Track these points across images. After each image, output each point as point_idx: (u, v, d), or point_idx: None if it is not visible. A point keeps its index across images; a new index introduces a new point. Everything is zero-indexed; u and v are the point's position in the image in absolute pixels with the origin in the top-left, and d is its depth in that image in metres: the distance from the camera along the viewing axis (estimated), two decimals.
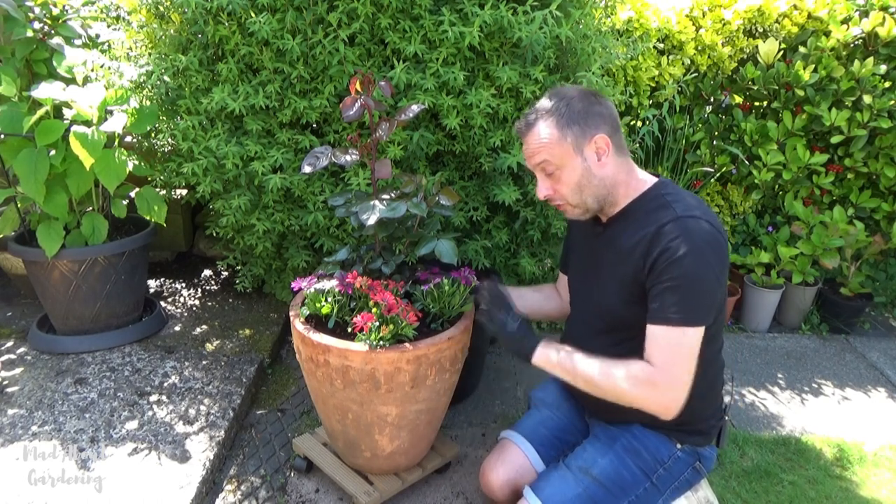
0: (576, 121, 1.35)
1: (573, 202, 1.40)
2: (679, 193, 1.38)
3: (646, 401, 1.30)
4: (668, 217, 1.32)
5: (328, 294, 1.63)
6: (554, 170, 1.38)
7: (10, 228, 2.40)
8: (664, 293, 1.29)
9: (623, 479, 1.42)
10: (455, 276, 1.69)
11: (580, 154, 1.36)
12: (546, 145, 1.36)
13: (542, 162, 1.38)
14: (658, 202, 1.37)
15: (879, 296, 3.34)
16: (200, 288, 3.06)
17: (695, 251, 1.27)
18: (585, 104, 1.36)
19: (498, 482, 1.56)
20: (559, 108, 1.36)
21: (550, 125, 1.35)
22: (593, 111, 1.36)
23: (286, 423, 2.19)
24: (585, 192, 1.38)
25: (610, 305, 1.43)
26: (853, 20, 2.95)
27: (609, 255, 1.44)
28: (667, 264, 1.28)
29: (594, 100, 1.38)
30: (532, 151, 1.39)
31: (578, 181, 1.37)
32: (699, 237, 1.28)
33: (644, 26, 2.82)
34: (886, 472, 2.10)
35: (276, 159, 1.92)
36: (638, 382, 1.29)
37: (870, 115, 2.87)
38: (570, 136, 1.35)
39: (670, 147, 3.01)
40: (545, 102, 1.39)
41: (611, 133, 1.37)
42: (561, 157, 1.36)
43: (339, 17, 1.79)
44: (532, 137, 1.38)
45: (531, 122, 1.39)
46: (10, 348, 2.44)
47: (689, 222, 1.30)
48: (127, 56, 2.23)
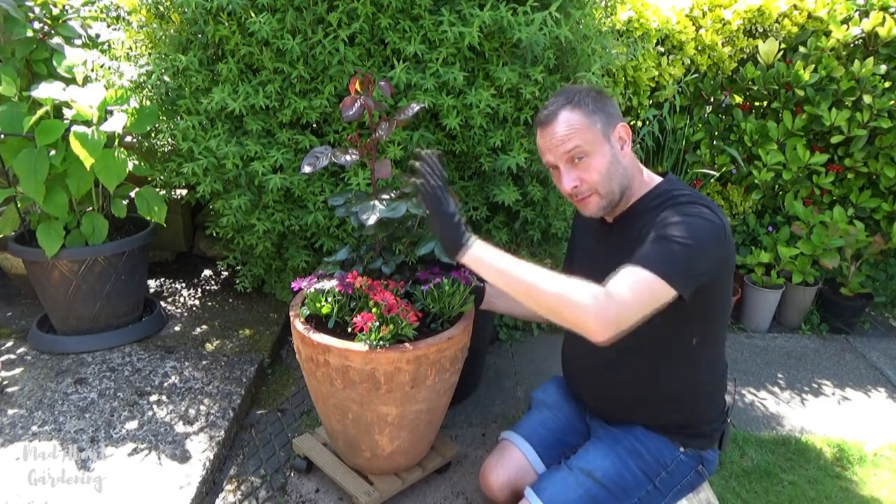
0: (599, 108, 1.35)
1: (603, 190, 1.37)
2: (684, 190, 1.39)
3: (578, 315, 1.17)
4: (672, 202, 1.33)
5: (328, 294, 1.63)
6: (584, 156, 1.34)
7: (10, 228, 2.40)
8: (652, 242, 1.26)
9: (625, 482, 1.42)
10: (455, 276, 1.69)
11: (608, 140, 1.36)
12: (578, 130, 1.34)
13: (573, 148, 1.34)
14: (663, 198, 1.38)
15: (879, 296, 3.34)
16: (200, 288, 3.06)
17: (689, 220, 1.26)
18: (597, 95, 1.38)
19: (498, 483, 1.56)
20: (580, 99, 1.36)
21: (578, 113, 1.34)
22: (607, 102, 1.38)
23: (286, 423, 2.19)
24: (614, 179, 1.37)
25: None
26: (853, 20, 2.95)
27: (612, 254, 1.42)
28: (659, 224, 1.28)
29: (604, 95, 1.40)
30: (561, 139, 1.34)
31: (608, 168, 1.35)
32: (697, 214, 1.28)
33: (644, 26, 2.82)
34: (886, 472, 2.10)
35: (276, 159, 1.92)
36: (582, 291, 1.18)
37: (870, 115, 2.87)
38: (599, 123, 1.35)
39: (670, 147, 3.01)
40: (559, 97, 1.38)
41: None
42: (592, 143, 1.34)
43: (339, 17, 1.79)
44: (559, 126, 1.35)
45: (555, 111, 1.36)
46: (10, 348, 2.44)
47: (695, 206, 1.30)
48: (127, 56, 2.23)
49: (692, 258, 1.24)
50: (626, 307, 1.18)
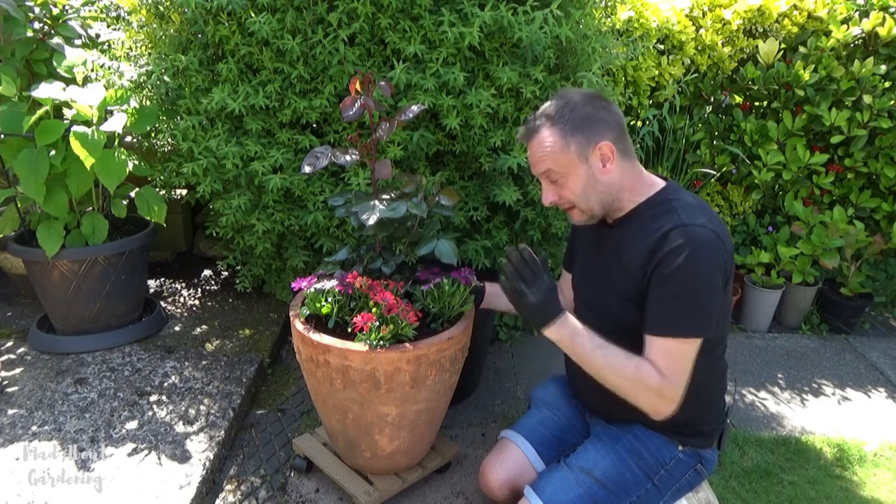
0: (580, 128, 1.33)
1: (581, 206, 1.39)
2: (686, 199, 1.37)
3: (646, 404, 1.32)
4: (672, 224, 1.31)
5: (328, 294, 1.63)
6: (558, 178, 1.37)
7: (10, 228, 2.40)
8: (663, 303, 1.29)
9: (624, 480, 1.42)
10: (455, 276, 1.69)
11: (585, 162, 1.35)
12: (550, 154, 1.34)
13: (546, 170, 1.37)
14: (664, 207, 1.36)
15: (879, 296, 3.34)
16: (200, 288, 3.06)
17: (694, 261, 1.26)
18: (590, 109, 1.34)
19: (497, 482, 1.56)
20: (563, 115, 1.34)
21: (554, 133, 1.33)
22: (598, 117, 1.34)
23: (286, 423, 2.19)
24: (591, 198, 1.38)
25: (612, 309, 1.43)
26: (853, 20, 2.95)
27: (613, 258, 1.43)
28: (666, 274, 1.28)
29: (599, 104, 1.36)
30: (536, 160, 1.38)
31: (584, 188, 1.36)
32: (701, 247, 1.27)
33: (644, 26, 2.82)
34: (886, 472, 2.10)
35: (276, 159, 1.92)
36: (647, 388, 1.29)
37: (870, 115, 2.87)
38: (574, 145, 1.33)
39: (670, 147, 3.01)
40: (548, 108, 1.37)
41: (616, 139, 1.35)
42: (565, 165, 1.35)
43: (339, 17, 1.79)
44: (535, 145, 1.37)
45: (534, 129, 1.37)
46: (10, 348, 2.44)
47: (693, 230, 1.28)
48: (127, 56, 2.23)
49: (706, 304, 1.29)
50: (678, 384, 1.30)
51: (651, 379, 1.29)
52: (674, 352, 1.29)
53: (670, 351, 1.29)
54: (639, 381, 1.30)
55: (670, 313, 1.29)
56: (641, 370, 1.30)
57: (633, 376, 1.30)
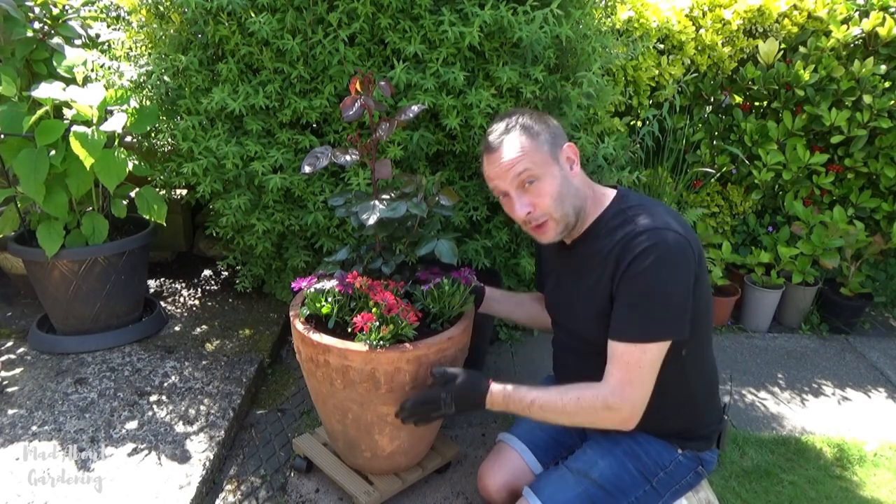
0: (541, 130, 1.35)
1: (557, 214, 1.35)
2: (641, 205, 1.35)
3: (604, 422, 1.34)
4: (631, 232, 1.29)
5: (328, 294, 1.63)
6: (535, 180, 1.33)
7: (10, 228, 2.40)
8: (624, 309, 1.28)
9: (622, 482, 1.42)
10: (455, 276, 1.69)
11: (556, 162, 1.35)
12: (527, 153, 1.33)
13: (522, 172, 1.33)
14: (620, 218, 1.35)
15: (879, 296, 3.34)
16: (200, 288, 3.06)
17: (656, 265, 1.25)
18: (538, 116, 1.37)
19: (495, 485, 1.56)
20: (522, 123, 1.35)
21: (525, 136, 1.33)
22: (549, 122, 1.37)
23: (286, 423, 2.19)
24: (567, 201, 1.35)
25: (586, 325, 1.41)
26: (853, 20, 2.95)
27: (577, 278, 1.42)
28: (628, 280, 1.27)
29: (543, 115, 1.39)
30: (509, 164, 1.33)
31: (559, 190, 1.34)
32: (663, 249, 1.25)
33: (644, 26, 2.82)
34: (886, 472, 2.10)
35: (276, 159, 1.92)
36: (594, 411, 1.31)
37: (870, 115, 2.87)
38: (546, 145, 1.34)
39: (670, 147, 3.01)
40: (499, 125, 1.37)
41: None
42: (541, 165, 1.33)
43: (339, 17, 1.79)
44: (507, 150, 1.34)
45: (501, 136, 1.35)
46: (10, 348, 2.44)
47: (655, 234, 1.26)
48: (127, 56, 2.23)
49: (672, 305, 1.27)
50: (631, 397, 1.29)
51: (595, 401, 1.30)
52: (633, 358, 1.27)
53: (629, 357, 1.28)
54: (585, 410, 1.31)
55: (634, 317, 1.28)
56: (582, 399, 1.31)
57: (575, 409, 1.32)
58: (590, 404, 1.30)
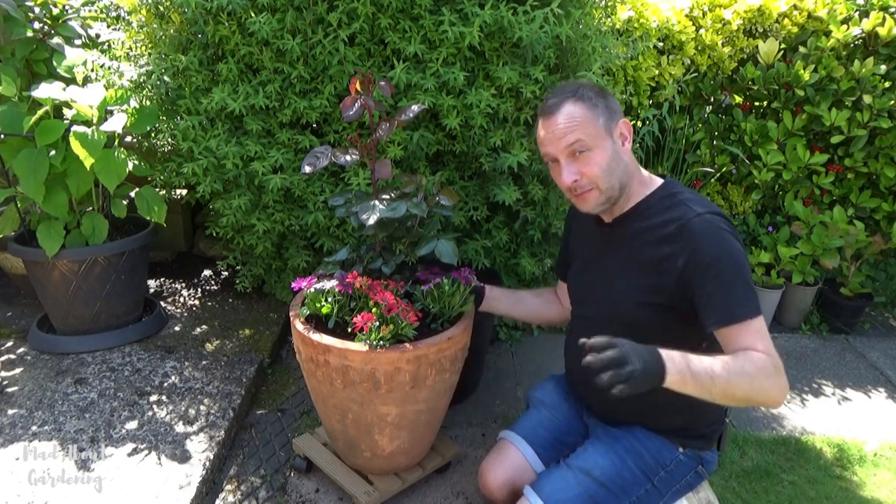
0: (602, 102, 1.35)
1: (603, 185, 1.35)
2: (689, 192, 1.38)
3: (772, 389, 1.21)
4: (687, 216, 1.31)
5: (328, 294, 1.63)
6: (585, 150, 1.33)
7: (10, 228, 2.40)
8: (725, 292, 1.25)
9: (624, 480, 1.42)
10: (455, 276, 1.69)
11: (610, 136, 1.35)
12: (581, 123, 1.32)
13: (575, 142, 1.33)
14: (671, 201, 1.36)
15: (879, 296, 3.34)
16: (200, 288, 3.06)
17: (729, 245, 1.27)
18: (600, 90, 1.37)
19: (496, 483, 1.56)
20: (583, 93, 1.34)
21: (581, 106, 1.33)
22: (610, 99, 1.37)
23: (286, 423, 2.19)
24: (614, 175, 1.36)
25: (622, 308, 1.40)
26: (853, 20, 2.95)
27: (620, 256, 1.41)
28: (709, 263, 1.26)
29: (605, 91, 1.38)
30: (563, 131, 1.33)
31: (609, 163, 1.34)
32: (728, 231, 1.29)
33: (644, 26, 2.82)
34: (886, 472, 2.10)
35: (276, 159, 1.92)
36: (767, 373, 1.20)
37: (870, 115, 2.87)
38: (602, 117, 1.34)
39: (670, 147, 3.01)
40: (564, 88, 1.37)
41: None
42: (594, 137, 1.33)
43: (339, 17, 1.79)
44: (562, 117, 1.34)
45: (556, 103, 1.35)
46: (10, 348, 2.44)
47: (711, 219, 1.29)
48: (127, 56, 2.22)
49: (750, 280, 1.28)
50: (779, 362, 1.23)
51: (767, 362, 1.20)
52: (762, 329, 1.24)
53: (761, 331, 1.24)
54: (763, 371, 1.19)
55: (738, 298, 1.25)
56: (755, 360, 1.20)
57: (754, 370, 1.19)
58: (763, 365, 1.19)
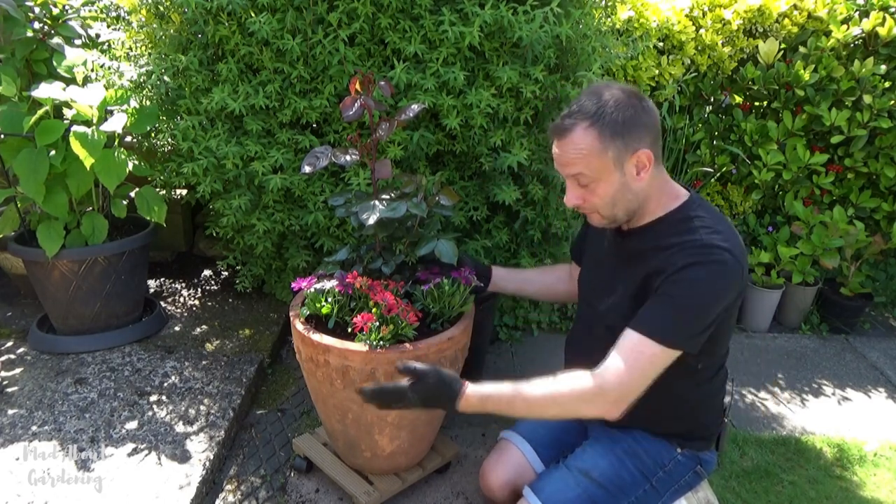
0: (620, 133, 1.23)
1: (605, 213, 1.33)
2: (709, 217, 1.31)
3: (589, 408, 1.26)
4: (691, 243, 1.26)
5: (328, 294, 1.63)
6: (588, 182, 1.28)
7: (10, 228, 2.40)
8: (658, 304, 1.25)
9: (623, 481, 1.42)
10: (455, 276, 1.69)
11: (620, 169, 1.26)
12: (586, 156, 1.25)
13: (577, 174, 1.28)
14: (686, 225, 1.30)
15: (879, 296, 3.34)
16: (200, 288, 3.06)
17: (707, 281, 1.22)
18: (632, 112, 1.24)
19: (497, 483, 1.56)
20: (603, 116, 1.23)
21: (591, 135, 1.23)
22: (639, 121, 1.25)
23: (286, 423, 2.19)
24: (618, 205, 1.31)
25: (614, 312, 1.39)
26: (853, 20, 2.95)
27: (624, 268, 1.39)
28: (675, 281, 1.24)
29: (640, 106, 1.26)
30: (567, 161, 1.27)
31: (613, 195, 1.29)
32: (719, 270, 1.22)
33: (644, 26, 2.82)
34: (886, 472, 2.10)
35: (276, 159, 1.92)
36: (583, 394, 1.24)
37: (870, 115, 2.87)
38: (612, 150, 1.24)
39: (670, 147, 3.01)
40: (587, 104, 1.25)
41: (652, 144, 1.28)
42: (599, 171, 1.26)
43: (339, 17, 1.79)
44: (568, 145, 1.26)
45: (568, 126, 1.26)
46: (10, 348, 2.44)
47: (711, 252, 1.23)
48: (127, 56, 2.23)
49: (699, 319, 1.23)
50: (626, 385, 1.23)
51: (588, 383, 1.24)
52: (642, 353, 1.22)
53: (640, 350, 1.23)
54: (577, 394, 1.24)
55: (664, 315, 1.24)
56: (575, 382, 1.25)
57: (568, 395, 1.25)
58: (581, 388, 1.23)
